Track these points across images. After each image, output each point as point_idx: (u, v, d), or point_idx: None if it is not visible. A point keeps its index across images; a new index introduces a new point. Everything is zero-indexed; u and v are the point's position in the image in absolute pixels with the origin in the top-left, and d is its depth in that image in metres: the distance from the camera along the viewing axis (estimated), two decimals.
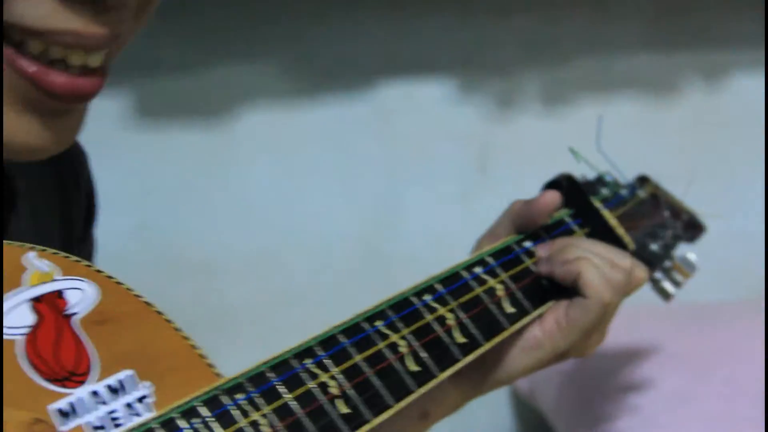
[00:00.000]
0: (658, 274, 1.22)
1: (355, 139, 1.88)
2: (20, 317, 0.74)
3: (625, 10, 1.94)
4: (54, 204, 0.95)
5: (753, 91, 2.00)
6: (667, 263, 1.23)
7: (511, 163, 1.94)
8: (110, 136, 1.67)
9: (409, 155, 1.91)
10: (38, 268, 0.77)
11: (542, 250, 1.07)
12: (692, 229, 1.31)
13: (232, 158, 1.80)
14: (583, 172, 1.22)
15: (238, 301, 1.87)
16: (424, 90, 1.90)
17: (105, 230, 1.10)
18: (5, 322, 0.74)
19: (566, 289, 1.04)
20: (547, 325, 1.03)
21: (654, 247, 1.21)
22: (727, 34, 1.98)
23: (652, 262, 1.19)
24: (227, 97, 1.77)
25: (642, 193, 1.27)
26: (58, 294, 0.77)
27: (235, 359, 0.85)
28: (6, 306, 0.74)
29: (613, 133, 1.88)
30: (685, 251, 1.26)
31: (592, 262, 1.03)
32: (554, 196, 1.09)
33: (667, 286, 1.23)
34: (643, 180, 1.30)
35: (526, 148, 1.93)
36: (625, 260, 1.07)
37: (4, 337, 0.73)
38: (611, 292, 1.03)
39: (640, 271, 1.09)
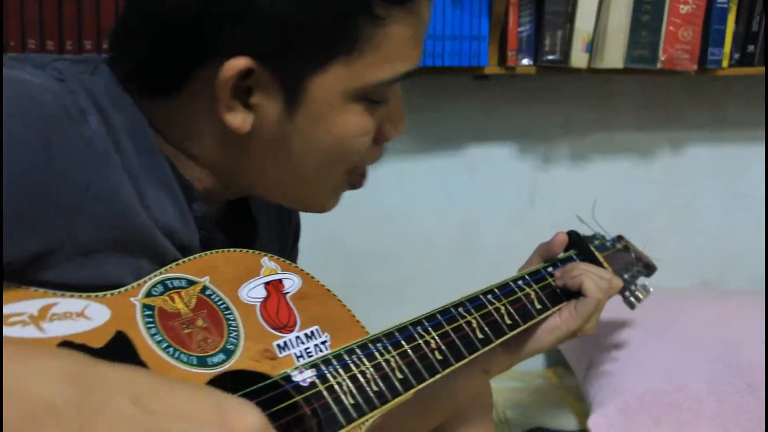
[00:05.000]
0: (626, 293, 1.24)
1: (452, 181, 1.88)
2: (258, 292, 0.80)
3: (622, 103, 1.93)
4: (275, 231, 1.00)
5: (704, 157, 1.99)
6: (633, 287, 1.25)
7: (550, 198, 1.93)
8: None
9: (485, 192, 1.91)
10: (268, 266, 0.82)
11: (558, 272, 1.10)
12: (648, 268, 1.32)
13: (377, 186, 1.79)
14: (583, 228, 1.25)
15: (377, 279, 1.87)
16: (496, 151, 1.89)
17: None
18: (253, 294, 0.79)
19: (572, 294, 1.07)
20: (563, 315, 1.06)
21: (625, 276, 1.23)
22: (688, 117, 1.96)
23: (624, 286, 1.22)
24: None
25: (618, 245, 1.29)
26: (279, 281, 0.82)
27: (378, 318, 0.89)
28: (252, 285, 0.80)
29: (614, 183, 1.92)
30: (644, 281, 1.28)
31: (589, 276, 1.07)
32: (563, 237, 1.15)
33: (632, 300, 1.25)
34: (619, 237, 1.31)
35: (559, 189, 1.92)
36: (607, 274, 1.11)
37: (251, 302, 0.78)
38: (601, 294, 1.07)
39: (617, 282, 1.12)
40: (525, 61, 1.66)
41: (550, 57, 1.65)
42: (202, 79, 0.76)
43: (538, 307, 1.04)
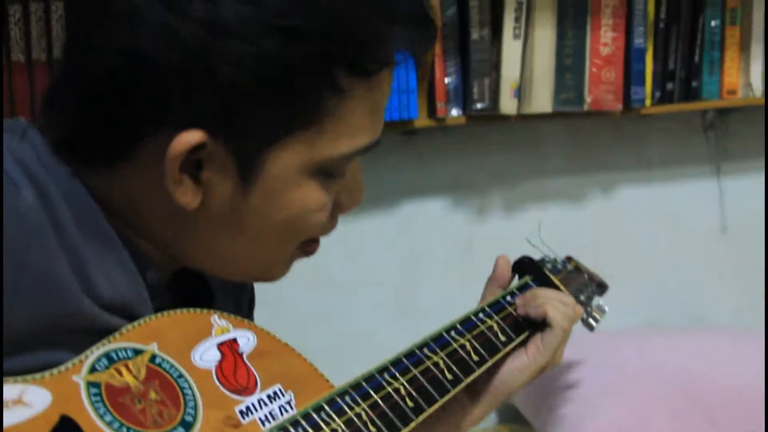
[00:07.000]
0: (584, 316, 1.18)
1: (389, 238, 1.85)
2: (212, 355, 0.73)
3: (551, 149, 1.92)
4: (230, 298, 0.93)
5: (631, 198, 1.98)
6: (589, 309, 1.19)
7: (486, 249, 1.84)
8: None
9: (422, 245, 1.87)
10: (219, 324, 0.76)
11: (519, 300, 1.03)
12: (601, 287, 1.28)
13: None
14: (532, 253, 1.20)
15: (319, 341, 1.79)
16: (430, 204, 1.86)
17: None
18: (206, 357, 0.72)
19: (534, 323, 1.01)
20: (530, 352, 0.98)
21: (581, 298, 1.17)
22: (615, 159, 1.96)
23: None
24: None
25: (569, 266, 1.24)
26: (233, 340, 0.76)
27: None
28: (204, 347, 0.73)
29: (548, 227, 1.89)
30: (598, 301, 1.23)
31: (552, 304, 1.00)
32: (504, 260, 1.08)
33: (591, 322, 1.19)
34: (569, 258, 1.27)
35: (494, 239, 1.87)
36: (569, 299, 1.04)
37: (206, 366, 0.72)
38: (567, 322, 1.00)
39: (579, 308, 1.05)
40: (454, 112, 1.64)
41: (479, 105, 1.62)
42: (148, 150, 0.69)
43: (503, 339, 0.98)
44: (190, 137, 0.66)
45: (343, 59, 0.69)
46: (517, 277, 1.12)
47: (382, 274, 1.85)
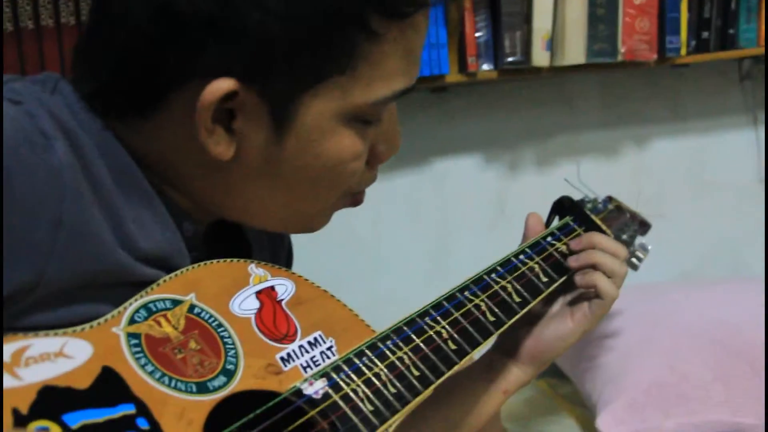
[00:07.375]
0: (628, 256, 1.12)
1: (421, 197, 1.83)
2: (250, 303, 0.73)
3: (584, 103, 1.89)
4: (267, 250, 0.92)
5: (667, 150, 1.96)
6: (632, 249, 1.16)
7: (519, 206, 1.84)
8: None
9: (454, 204, 1.85)
10: (257, 273, 0.76)
11: (572, 245, 0.98)
12: (644, 226, 1.24)
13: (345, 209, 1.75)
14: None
15: (353, 303, 1.79)
16: (462, 162, 1.84)
17: None
18: (245, 306, 0.71)
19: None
20: (576, 317, 0.94)
21: (624, 237, 1.14)
22: (649, 112, 1.93)
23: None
24: None
25: (610, 206, 1.20)
26: (271, 288, 0.76)
27: None
28: (243, 297, 0.73)
29: (583, 185, 1.87)
30: (641, 240, 1.20)
31: (605, 269, 0.95)
32: (535, 218, 1.04)
33: (634, 261, 1.15)
34: (610, 198, 1.23)
35: (527, 195, 1.86)
36: (621, 249, 0.99)
37: (245, 314, 0.72)
38: (617, 290, 0.95)
39: (624, 267, 0.99)
40: (485, 66, 1.61)
41: (511, 59, 1.60)
42: (179, 101, 0.68)
43: (545, 280, 0.95)
44: (222, 86, 0.65)
45: (375, 2, 0.67)
46: (557, 218, 1.09)
47: (413, 234, 1.84)
